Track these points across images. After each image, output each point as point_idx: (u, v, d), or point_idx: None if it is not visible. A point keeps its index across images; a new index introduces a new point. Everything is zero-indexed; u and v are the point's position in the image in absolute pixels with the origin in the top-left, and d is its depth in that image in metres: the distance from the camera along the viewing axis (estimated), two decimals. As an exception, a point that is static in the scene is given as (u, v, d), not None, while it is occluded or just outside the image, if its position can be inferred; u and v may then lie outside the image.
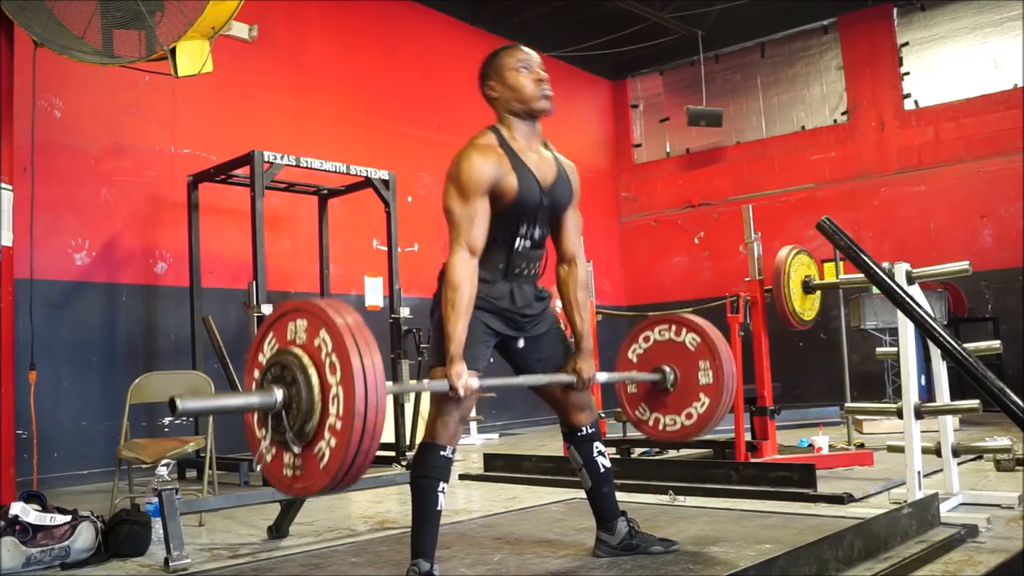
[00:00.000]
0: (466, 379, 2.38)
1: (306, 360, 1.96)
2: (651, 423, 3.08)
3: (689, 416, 2.99)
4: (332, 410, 1.90)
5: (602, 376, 2.84)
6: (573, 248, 2.79)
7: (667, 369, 3.02)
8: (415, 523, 2.50)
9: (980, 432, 5.68)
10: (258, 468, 2.08)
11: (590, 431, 2.82)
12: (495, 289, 2.60)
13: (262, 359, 2.10)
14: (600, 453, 2.82)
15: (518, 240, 2.62)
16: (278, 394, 1.97)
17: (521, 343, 2.71)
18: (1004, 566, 2.44)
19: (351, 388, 1.86)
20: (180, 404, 1.85)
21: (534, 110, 2.65)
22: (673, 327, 3.05)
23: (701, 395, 2.97)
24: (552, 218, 2.72)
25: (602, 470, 2.81)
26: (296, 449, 1.96)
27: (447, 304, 2.44)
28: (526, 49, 2.70)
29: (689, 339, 3.00)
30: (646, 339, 3.10)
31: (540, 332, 2.74)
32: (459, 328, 2.42)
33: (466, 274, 2.46)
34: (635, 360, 3.11)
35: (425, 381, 2.45)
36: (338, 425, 1.89)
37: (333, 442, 1.89)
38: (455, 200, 2.51)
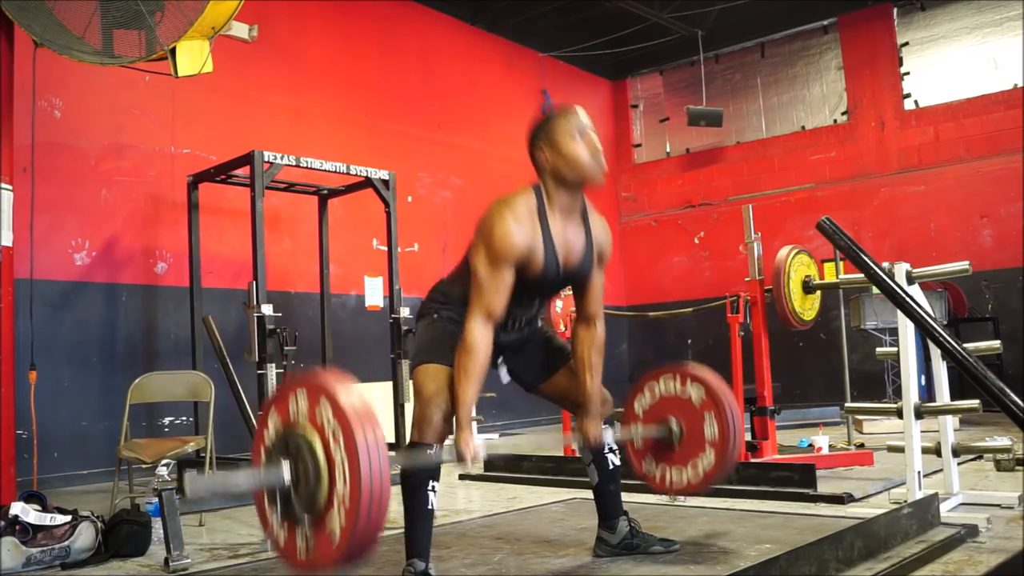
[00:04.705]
0: (474, 448, 2.40)
1: (309, 431, 1.96)
2: (658, 478, 3.02)
3: (695, 470, 2.94)
4: (339, 480, 1.89)
5: (608, 435, 2.78)
6: (595, 310, 2.75)
7: (673, 423, 2.97)
8: (408, 524, 2.51)
9: (980, 432, 5.68)
10: (269, 547, 2.06)
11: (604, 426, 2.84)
12: None
13: (267, 439, 2.10)
14: (611, 450, 2.84)
15: (518, 308, 2.63)
16: (285, 468, 1.97)
17: (502, 370, 2.78)
18: (1004, 566, 2.43)
19: (355, 456, 1.86)
20: (190, 489, 1.85)
21: (588, 182, 2.58)
22: (677, 378, 2.98)
23: (707, 448, 2.90)
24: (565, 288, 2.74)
25: (611, 467, 2.83)
26: (308, 518, 1.94)
27: (459, 369, 2.42)
28: (581, 113, 2.59)
29: (694, 392, 2.94)
30: (652, 391, 3.04)
31: (519, 348, 2.78)
32: (470, 394, 2.42)
33: (483, 341, 2.44)
34: (641, 414, 3.05)
35: (434, 449, 2.43)
36: (346, 496, 1.87)
37: (343, 512, 1.88)
38: (483, 263, 2.46)
